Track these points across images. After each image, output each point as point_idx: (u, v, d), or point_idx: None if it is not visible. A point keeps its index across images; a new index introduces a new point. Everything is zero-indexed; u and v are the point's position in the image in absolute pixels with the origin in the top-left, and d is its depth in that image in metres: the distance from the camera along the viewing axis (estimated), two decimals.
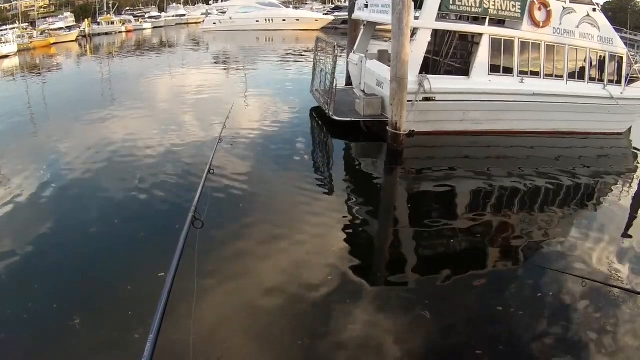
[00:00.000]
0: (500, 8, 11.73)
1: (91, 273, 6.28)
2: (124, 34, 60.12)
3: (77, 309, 5.44)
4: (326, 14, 58.64)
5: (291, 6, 72.87)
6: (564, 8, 12.53)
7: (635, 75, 13.90)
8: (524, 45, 12.19)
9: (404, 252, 7.45)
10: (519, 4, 11.84)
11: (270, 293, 5.91)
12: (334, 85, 12.55)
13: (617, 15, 48.56)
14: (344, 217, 8.23)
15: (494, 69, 11.97)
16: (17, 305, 5.58)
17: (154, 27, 66.80)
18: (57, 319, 5.35)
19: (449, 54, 12.58)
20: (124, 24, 63.42)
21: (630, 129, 14.51)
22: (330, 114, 12.42)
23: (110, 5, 72.43)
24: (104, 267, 6.42)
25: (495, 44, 11.92)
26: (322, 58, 14.07)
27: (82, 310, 5.41)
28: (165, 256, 3.04)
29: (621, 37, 14.23)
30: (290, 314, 5.56)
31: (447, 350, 5.12)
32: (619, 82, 13.55)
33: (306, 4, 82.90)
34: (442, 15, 11.85)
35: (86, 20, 60.78)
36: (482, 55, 11.81)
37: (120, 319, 5.26)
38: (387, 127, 11.06)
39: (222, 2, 61.88)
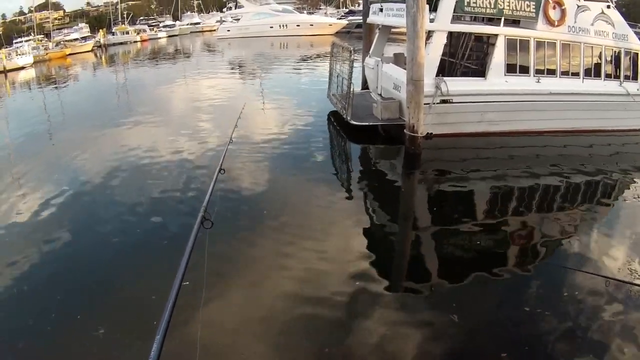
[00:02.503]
0: (515, 8, 11.76)
1: (101, 272, 6.46)
2: (139, 43, 61.05)
3: (83, 308, 5.60)
4: (340, 19, 58.89)
5: (305, 11, 73.35)
6: (578, 6, 12.51)
7: None
8: (539, 44, 12.19)
9: (425, 255, 7.38)
10: (534, 3, 11.86)
11: (282, 296, 5.80)
12: (351, 89, 12.62)
13: (630, 11, 47.93)
14: (362, 219, 8.20)
15: (510, 69, 11.98)
16: (30, 307, 5.77)
17: (169, 36, 67.80)
18: (63, 315, 5.51)
19: (465, 56, 12.63)
20: (138, 33, 64.43)
21: None
22: (348, 118, 12.50)
23: (125, 15, 73.56)
24: (114, 266, 6.60)
25: (511, 44, 11.94)
26: (338, 63, 14.17)
27: (88, 309, 5.54)
28: (175, 256, 3.01)
29: (635, 33, 14.14)
30: (305, 320, 5.37)
31: (472, 353, 5.02)
32: (635, 78, 13.47)
33: (320, 8, 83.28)
34: (456, 17, 11.93)
35: (101, 30, 61.94)
36: (498, 56, 11.84)
37: (129, 319, 5.36)
38: (405, 130, 11.11)
39: (235, 9, 62.32)
